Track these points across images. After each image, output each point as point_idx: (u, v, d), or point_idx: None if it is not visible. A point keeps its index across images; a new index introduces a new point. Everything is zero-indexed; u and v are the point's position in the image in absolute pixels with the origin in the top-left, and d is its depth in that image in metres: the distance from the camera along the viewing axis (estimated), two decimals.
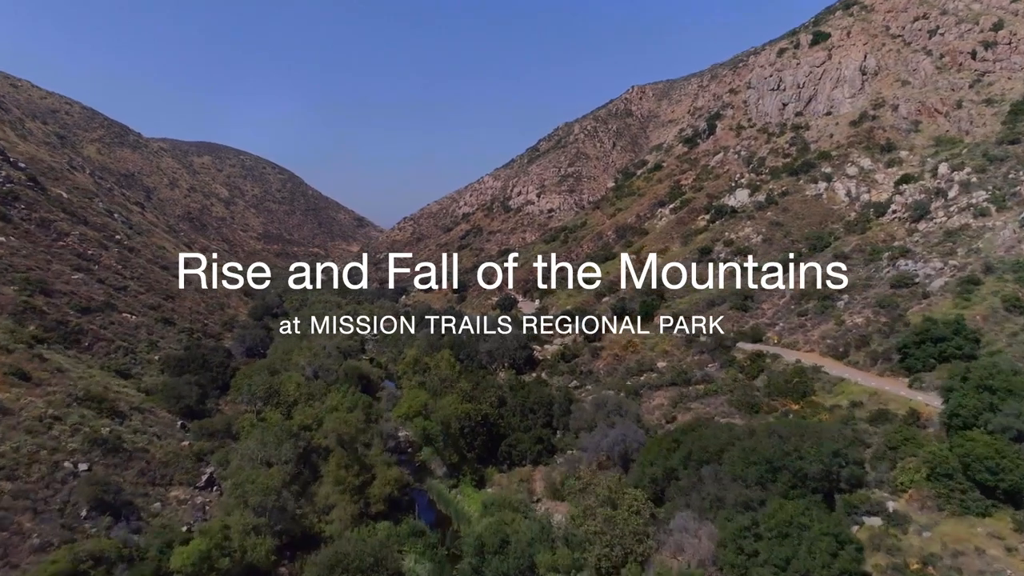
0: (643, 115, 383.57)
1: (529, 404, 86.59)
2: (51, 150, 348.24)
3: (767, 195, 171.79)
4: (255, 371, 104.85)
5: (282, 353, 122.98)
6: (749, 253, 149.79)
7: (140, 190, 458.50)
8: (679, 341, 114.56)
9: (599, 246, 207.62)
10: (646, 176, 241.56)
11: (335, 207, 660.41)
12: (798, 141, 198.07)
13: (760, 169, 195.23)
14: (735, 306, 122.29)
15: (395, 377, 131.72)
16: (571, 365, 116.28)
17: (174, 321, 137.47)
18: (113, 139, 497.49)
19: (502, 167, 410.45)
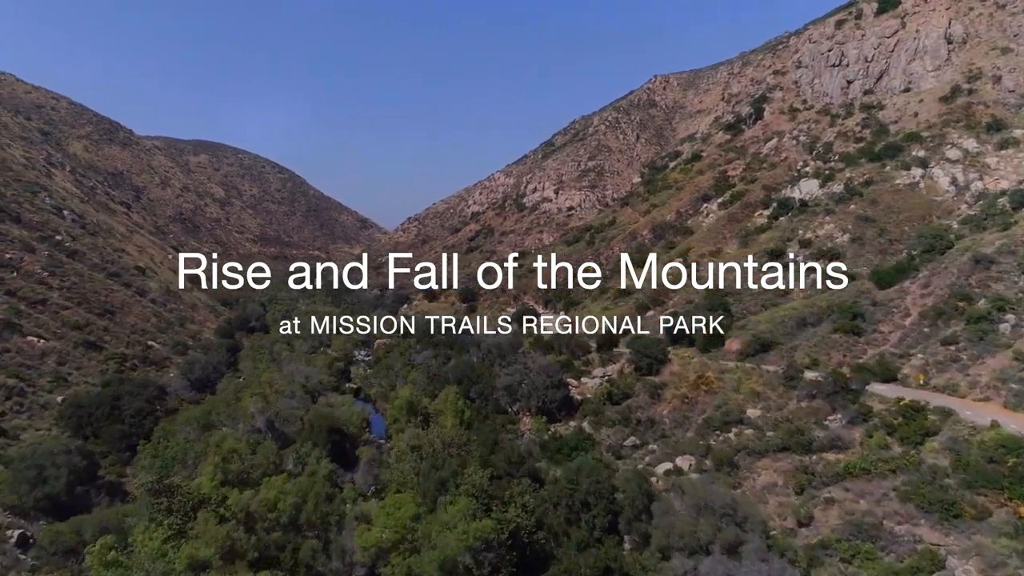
0: (668, 106, 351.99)
1: (581, 494, 55.13)
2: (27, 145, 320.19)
3: (845, 185, 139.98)
4: (182, 424, 74.03)
5: (232, 392, 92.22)
6: (836, 256, 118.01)
7: (129, 189, 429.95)
8: (771, 377, 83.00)
9: (633, 248, 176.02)
10: (682, 168, 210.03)
11: (337, 208, 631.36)
12: (872, 122, 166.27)
13: (828, 156, 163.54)
14: (841, 327, 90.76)
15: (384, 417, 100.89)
16: (623, 410, 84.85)
17: (102, 345, 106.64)
18: (102, 136, 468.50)
19: (514, 163, 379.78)
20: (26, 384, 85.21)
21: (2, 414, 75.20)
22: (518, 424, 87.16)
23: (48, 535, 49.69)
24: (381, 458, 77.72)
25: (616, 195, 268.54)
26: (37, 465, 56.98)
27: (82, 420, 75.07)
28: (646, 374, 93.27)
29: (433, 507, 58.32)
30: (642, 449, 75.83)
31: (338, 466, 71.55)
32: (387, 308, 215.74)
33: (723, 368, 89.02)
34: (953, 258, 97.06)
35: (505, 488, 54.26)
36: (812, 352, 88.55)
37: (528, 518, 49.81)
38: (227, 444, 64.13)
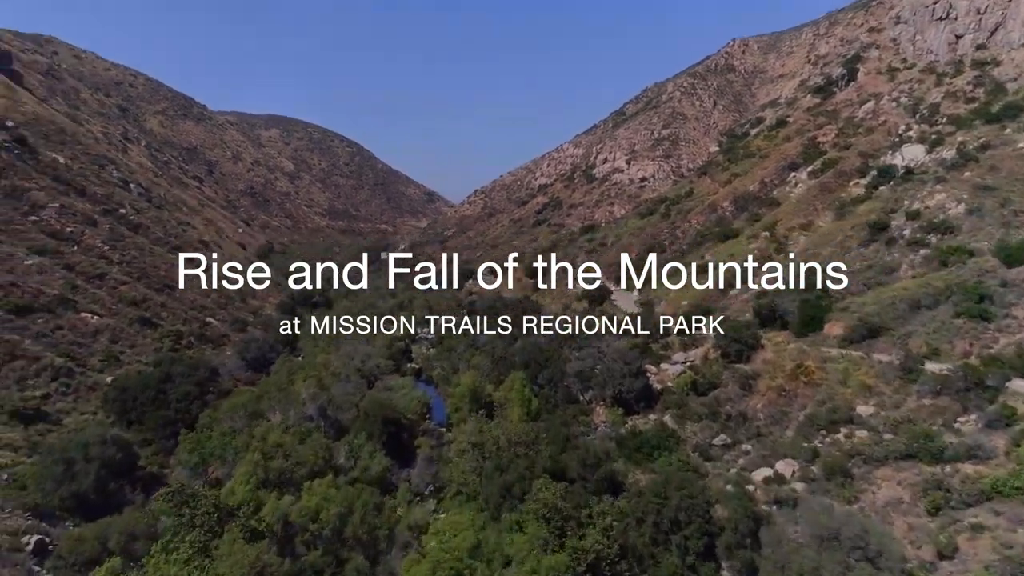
0: (747, 71, 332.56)
1: (670, 511, 46.58)
2: (105, 121, 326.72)
3: (958, 150, 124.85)
4: (228, 412, 68.70)
5: (285, 375, 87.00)
6: (949, 230, 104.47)
7: (202, 164, 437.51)
8: (884, 369, 72.15)
9: (712, 220, 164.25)
10: (766, 135, 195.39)
11: (404, 181, 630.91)
12: (986, 81, 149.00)
13: (934, 118, 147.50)
14: (964, 311, 78.55)
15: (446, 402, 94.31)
16: (709, 402, 75.57)
17: (158, 322, 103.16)
18: (177, 112, 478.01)
19: (583, 133, 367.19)
20: (76, 364, 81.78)
21: (46, 396, 71.50)
22: (591, 416, 78.93)
23: (68, 542, 44.41)
24: (441, 453, 70.86)
25: (692, 165, 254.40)
26: (66, 459, 52.04)
27: (126, 405, 70.67)
28: (734, 361, 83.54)
29: (497, 515, 51.05)
30: (734, 450, 66.59)
31: (393, 461, 64.98)
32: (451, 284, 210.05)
33: (825, 356, 78.43)
34: None
35: (581, 502, 46.19)
36: (931, 340, 76.83)
37: (610, 544, 41.68)
38: (271, 437, 58.20)
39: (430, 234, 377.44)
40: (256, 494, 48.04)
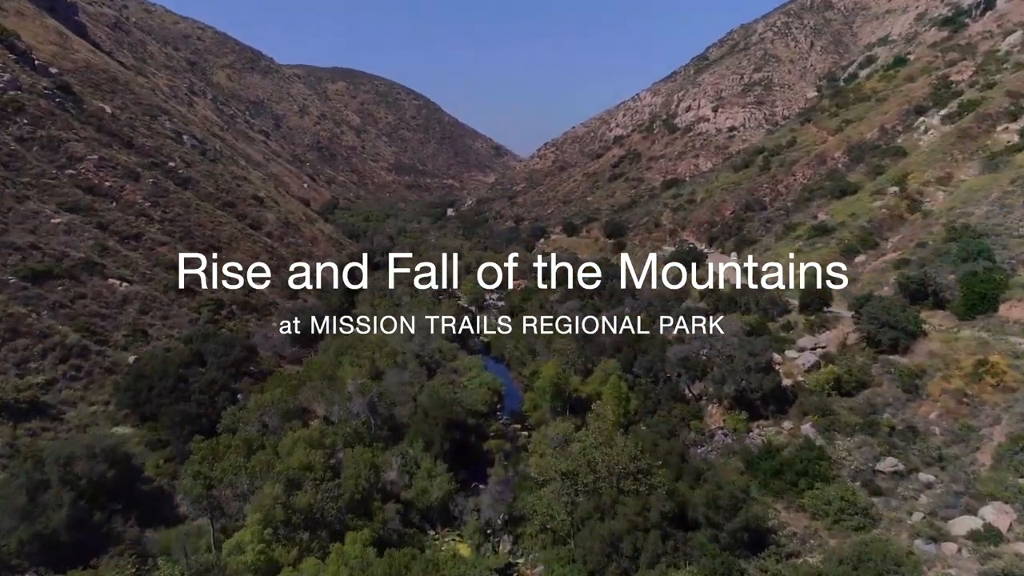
0: (847, 7, 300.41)
1: None
2: (172, 74, 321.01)
3: None
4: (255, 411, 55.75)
5: (333, 356, 73.92)
6: None
7: (269, 118, 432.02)
8: None
9: (823, 174, 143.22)
10: (882, 75, 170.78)
11: (471, 135, 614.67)
12: None
13: None
14: None
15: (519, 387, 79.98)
16: (860, 406, 58.65)
17: (196, 288, 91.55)
18: (244, 65, 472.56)
19: (662, 80, 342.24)
20: (96, 340, 70.49)
21: (50, 382, 60.13)
22: (703, 419, 63.11)
23: None
24: (518, 461, 56.63)
25: (788, 112, 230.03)
26: (34, 483, 39.75)
27: (140, 396, 58.70)
28: (885, 351, 65.96)
29: None
30: (910, 480, 49.77)
31: (457, 484, 51.06)
32: (522, 242, 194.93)
33: (1016, 350, 60.18)
34: None
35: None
36: None
37: None
38: (297, 456, 44.64)
39: (498, 189, 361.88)
40: (269, 554, 34.65)
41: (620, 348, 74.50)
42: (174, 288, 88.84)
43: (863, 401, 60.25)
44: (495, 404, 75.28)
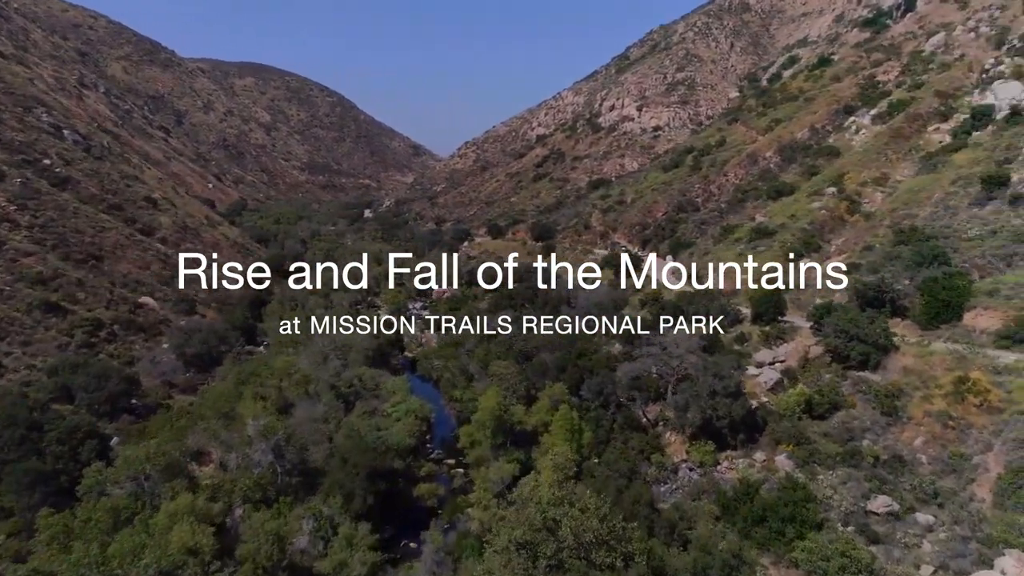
0: (764, 10, 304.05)
1: None
2: (59, 64, 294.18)
3: None
4: (125, 468, 44.64)
5: (233, 386, 62.95)
6: None
7: (170, 113, 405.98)
8: None
9: (755, 174, 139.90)
10: (808, 75, 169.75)
11: (388, 134, 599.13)
12: None
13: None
14: None
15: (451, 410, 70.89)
16: (837, 432, 52.50)
17: (69, 307, 78.24)
18: (142, 57, 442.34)
19: (583, 80, 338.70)
20: None
21: None
22: (663, 450, 55.67)
23: None
24: (457, 529, 47.55)
25: (711, 112, 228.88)
26: None
27: None
28: (854, 367, 60.31)
29: None
30: (908, 523, 43.47)
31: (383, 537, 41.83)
32: (446, 245, 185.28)
33: (995, 364, 55.31)
34: None
35: None
36: None
37: None
38: (177, 537, 34.34)
39: (417, 190, 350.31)
40: None
41: (564, 368, 66.48)
42: (42, 307, 75.34)
43: (838, 425, 54.17)
44: (424, 434, 66.09)
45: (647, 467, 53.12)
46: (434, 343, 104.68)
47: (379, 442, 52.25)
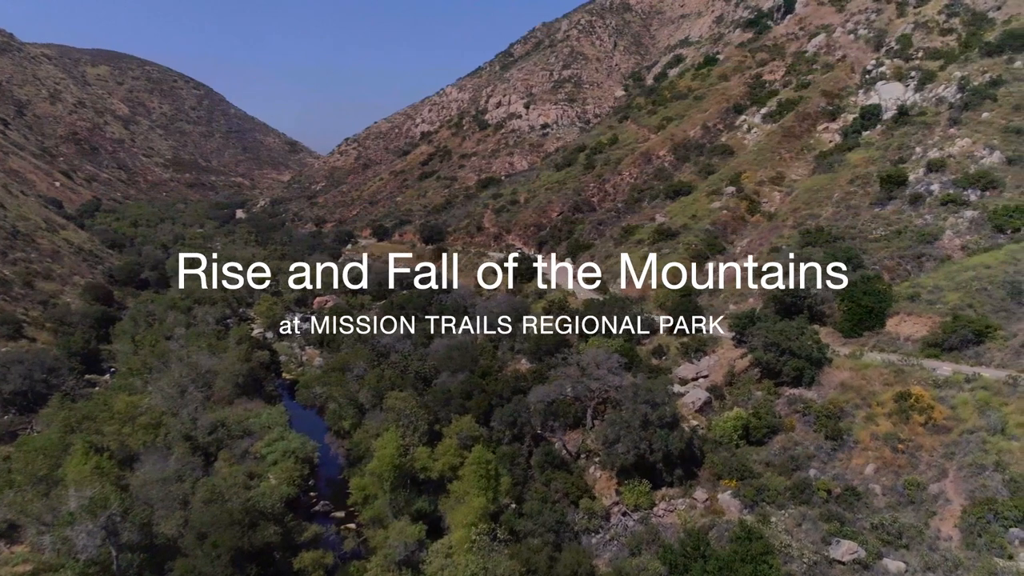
0: (644, 11, 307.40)
1: None
2: None
3: (960, 87, 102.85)
4: None
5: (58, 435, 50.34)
6: (992, 184, 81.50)
7: (8, 103, 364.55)
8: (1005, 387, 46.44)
9: (650, 173, 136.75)
10: (696, 73, 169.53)
11: (263, 129, 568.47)
12: (960, 10, 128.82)
13: (908, 52, 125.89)
14: None
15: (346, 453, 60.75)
16: (781, 461, 47.18)
17: None
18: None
19: (467, 76, 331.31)
20: None
21: None
22: (591, 490, 48.43)
23: None
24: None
25: (598, 110, 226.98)
26: None
27: None
28: (785, 382, 55.50)
29: None
30: (876, 571, 38.13)
31: None
32: (327, 249, 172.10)
33: (933, 377, 51.75)
34: None
35: None
36: None
37: None
38: None
39: (295, 188, 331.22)
40: None
41: (470, 394, 58.07)
42: None
43: (779, 452, 48.89)
44: (307, 479, 55.90)
45: (575, 513, 45.73)
46: (317, 360, 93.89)
47: (249, 506, 41.89)
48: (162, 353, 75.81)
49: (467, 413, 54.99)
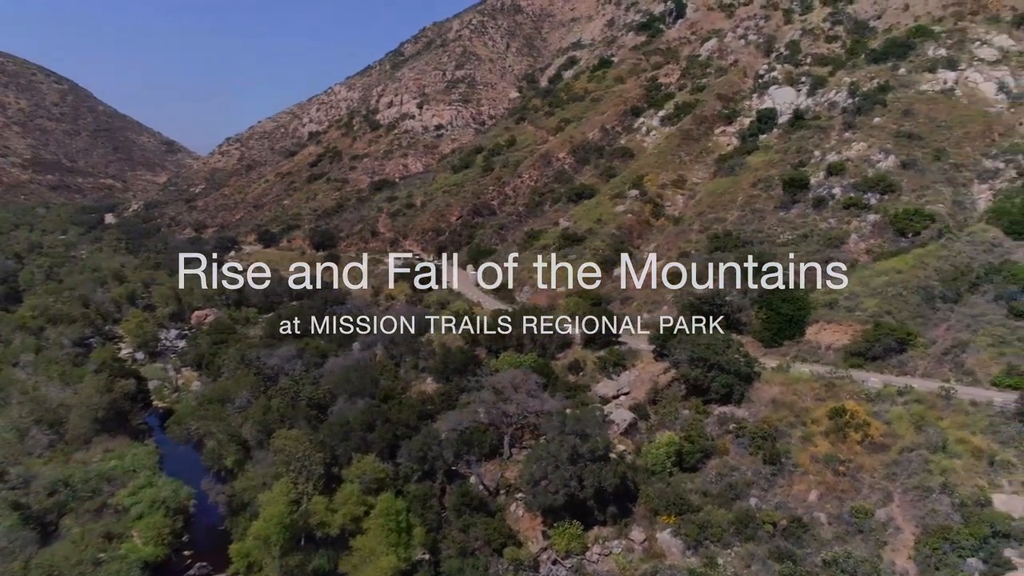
0: (535, 13, 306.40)
1: None
2: None
3: (850, 91, 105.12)
4: None
5: None
6: (890, 188, 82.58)
7: None
8: (986, 415, 44.87)
9: (550, 176, 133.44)
10: (591, 75, 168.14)
11: (135, 128, 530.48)
12: (844, 19, 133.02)
13: (797, 58, 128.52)
14: (1018, 307, 54.16)
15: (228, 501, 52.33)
16: (719, 491, 43.51)
17: None
18: None
19: (356, 75, 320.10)
20: None
21: None
22: (516, 535, 43.07)
23: None
24: None
25: (493, 112, 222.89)
26: None
27: None
28: (716, 399, 52.19)
29: None
30: None
31: None
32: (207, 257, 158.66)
33: (864, 391, 49.68)
34: None
35: None
36: (999, 353, 51.37)
37: None
38: None
39: (172, 191, 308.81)
40: None
41: (372, 426, 51.49)
42: None
43: (716, 479, 45.25)
44: (180, 536, 47.65)
45: (499, 562, 40.23)
46: (196, 384, 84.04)
47: None
48: (3, 385, 64.63)
49: (369, 449, 48.57)
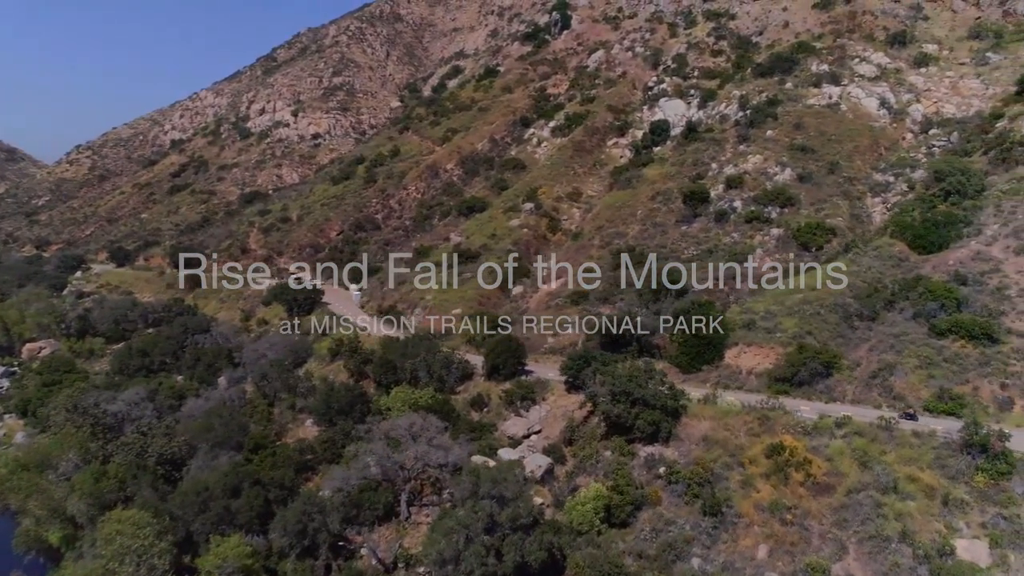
0: (416, 22, 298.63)
1: None
2: None
3: (740, 104, 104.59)
4: None
5: None
6: (788, 200, 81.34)
7: None
8: (929, 449, 41.37)
9: (438, 188, 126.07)
10: (477, 85, 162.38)
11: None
12: (727, 34, 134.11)
13: (685, 71, 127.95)
14: (947, 326, 51.84)
15: None
16: (657, 550, 37.58)
17: None
18: None
19: (224, 80, 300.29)
20: None
21: None
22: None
23: None
24: None
25: (374, 121, 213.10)
26: None
27: None
28: (638, 438, 46.46)
29: None
30: None
31: None
32: (48, 279, 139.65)
33: (800, 424, 45.41)
34: None
35: None
36: (927, 377, 48.69)
37: None
38: None
39: (11, 204, 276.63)
40: None
41: (237, 490, 42.10)
42: None
43: (651, 535, 39.36)
44: None
45: None
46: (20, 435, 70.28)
47: None
48: None
49: (234, 521, 39.36)
